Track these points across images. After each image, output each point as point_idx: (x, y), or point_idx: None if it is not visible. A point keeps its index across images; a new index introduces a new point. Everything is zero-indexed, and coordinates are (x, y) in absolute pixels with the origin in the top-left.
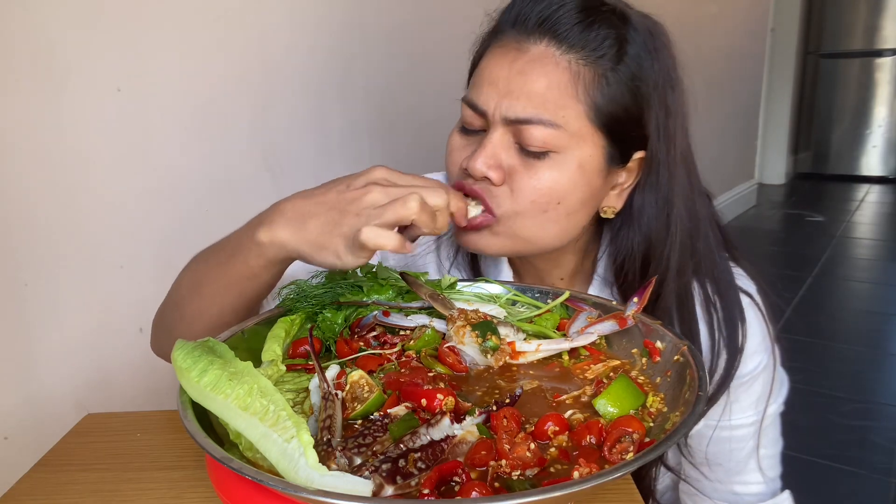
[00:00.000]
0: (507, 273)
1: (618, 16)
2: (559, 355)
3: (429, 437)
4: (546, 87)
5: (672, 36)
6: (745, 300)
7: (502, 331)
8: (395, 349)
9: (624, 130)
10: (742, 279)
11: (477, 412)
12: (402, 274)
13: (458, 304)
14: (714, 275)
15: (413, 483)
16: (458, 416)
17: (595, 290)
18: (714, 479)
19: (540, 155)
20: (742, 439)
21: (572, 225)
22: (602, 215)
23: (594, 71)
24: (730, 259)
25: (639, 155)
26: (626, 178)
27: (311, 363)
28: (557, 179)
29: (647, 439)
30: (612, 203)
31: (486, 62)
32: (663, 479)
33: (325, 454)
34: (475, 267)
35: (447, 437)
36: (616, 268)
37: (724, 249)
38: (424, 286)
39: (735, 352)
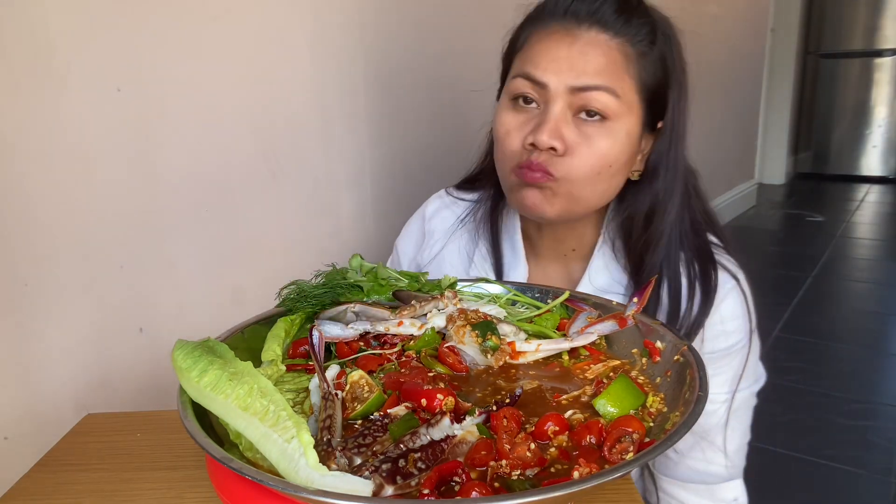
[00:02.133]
0: (522, 256)
1: (645, 7)
2: (559, 355)
3: (429, 437)
4: (605, 63)
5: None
6: (730, 282)
7: (502, 331)
8: (395, 349)
9: (657, 102)
10: (732, 265)
11: (477, 412)
12: (396, 293)
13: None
14: (693, 241)
15: (413, 483)
16: (458, 416)
17: (600, 247)
18: (679, 451)
19: (596, 124)
20: (711, 414)
21: (614, 186)
22: (630, 178)
23: (638, 51)
24: (723, 248)
25: (660, 124)
26: (646, 145)
27: (311, 363)
28: (611, 146)
29: (647, 439)
30: (638, 167)
31: (540, 45)
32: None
33: (325, 454)
34: (496, 244)
35: (447, 437)
36: (620, 224)
37: (709, 229)
38: (413, 300)
39: (706, 304)
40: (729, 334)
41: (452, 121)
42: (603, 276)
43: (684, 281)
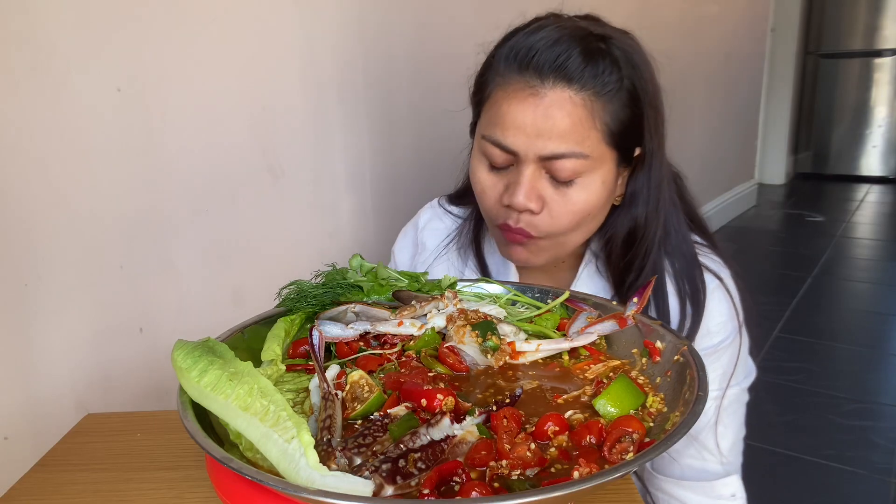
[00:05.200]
0: (513, 271)
1: (608, 44)
2: (559, 355)
3: (429, 437)
4: (570, 124)
5: (645, 44)
6: (713, 282)
7: (502, 331)
8: (396, 349)
9: (631, 135)
10: (716, 265)
11: (477, 412)
12: (396, 293)
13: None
14: (682, 251)
15: (413, 483)
16: (458, 416)
17: (585, 265)
18: (675, 449)
19: (569, 182)
20: (704, 412)
21: (597, 223)
22: (614, 203)
23: (604, 100)
24: (708, 247)
25: (637, 151)
26: (625, 172)
27: (311, 363)
28: (587, 199)
29: (647, 439)
30: (619, 192)
31: (505, 104)
32: None
33: (325, 454)
34: (483, 265)
35: (447, 437)
36: (603, 245)
37: (694, 231)
38: (414, 300)
39: (698, 319)
40: (713, 334)
41: (452, 121)
42: (589, 288)
43: (674, 301)
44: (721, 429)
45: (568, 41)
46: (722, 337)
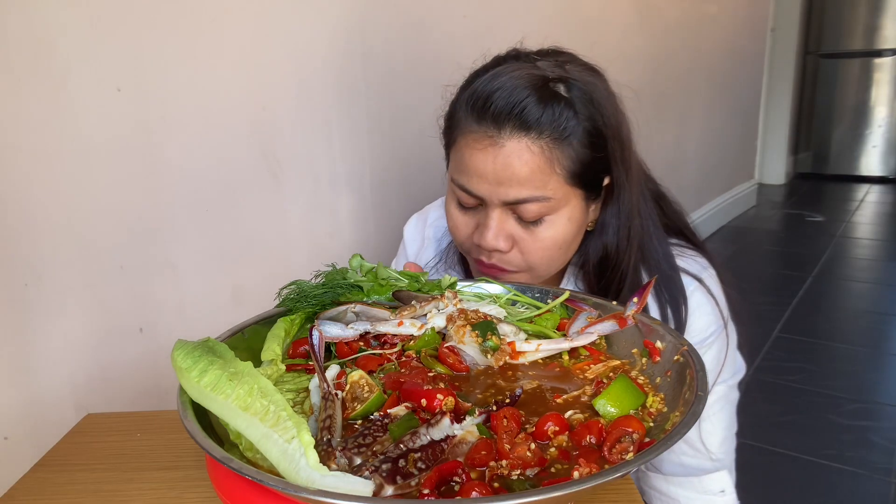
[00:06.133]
0: None
1: (567, 85)
2: (559, 355)
3: (429, 437)
4: (529, 172)
5: (612, 79)
6: (692, 284)
7: (502, 331)
8: (396, 349)
9: (593, 174)
10: (697, 265)
11: (477, 412)
12: (396, 293)
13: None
14: (661, 268)
15: (413, 483)
16: (458, 416)
17: (566, 280)
18: None
19: (537, 221)
20: None
21: (571, 251)
22: (588, 229)
23: (561, 144)
24: (688, 247)
25: (606, 181)
26: (596, 202)
27: (311, 363)
28: (555, 236)
29: (647, 439)
30: (591, 219)
31: (467, 154)
32: None
33: (325, 454)
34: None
35: (447, 437)
36: (578, 267)
37: (676, 236)
38: (414, 300)
39: (680, 326)
40: (696, 332)
41: None
42: None
43: (654, 307)
44: (708, 426)
45: (524, 89)
46: (703, 336)
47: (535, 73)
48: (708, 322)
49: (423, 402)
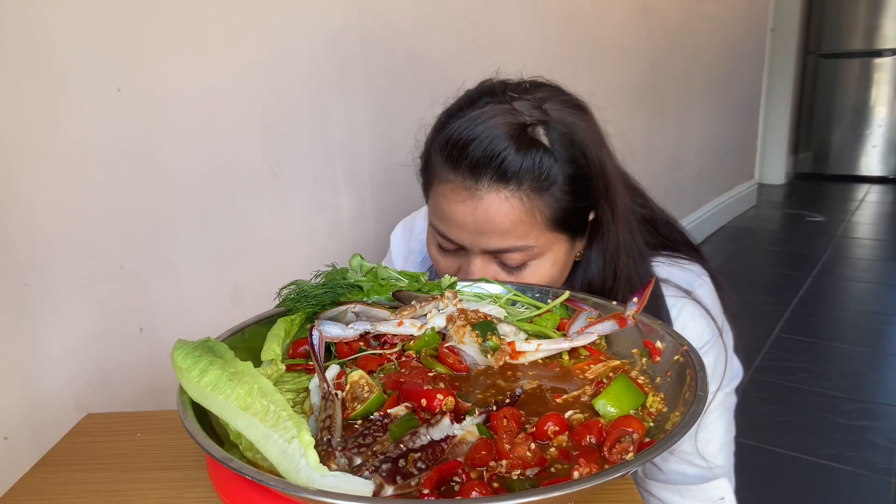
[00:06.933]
0: None
1: (546, 128)
2: (559, 355)
3: (429, 437)
4: (510, 224)
5: (590, 107)
6: (679, 302)
7: (502, 331)
8: (396, 349)
9: (576, 218)
10: (688, 275)
11: (477, 412)
12: (396, 293)
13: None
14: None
15: (413, 483)
16: (458, 416)
17: None
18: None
19: (520, 267)
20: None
21: (562, 282)
22: (576, 260)
23: (542, 194)
24: (687, 255)
25: (591, 216)
26: (583, 237)
27: (311, 363)
28: (539, 279)
29: (647, 439)
30: (578, 250)
31: (444, 203)
32: None
33: (325, 454)
34: None
35: (447, 437)
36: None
37: (668, 249)
38: (414, 300)
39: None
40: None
41: None
42: None
43: None
44: (706, 434)
45: (502, 139)
46: (698, 345)
47: (512, 121)
48: (701, 331)
49: (423, 402)
